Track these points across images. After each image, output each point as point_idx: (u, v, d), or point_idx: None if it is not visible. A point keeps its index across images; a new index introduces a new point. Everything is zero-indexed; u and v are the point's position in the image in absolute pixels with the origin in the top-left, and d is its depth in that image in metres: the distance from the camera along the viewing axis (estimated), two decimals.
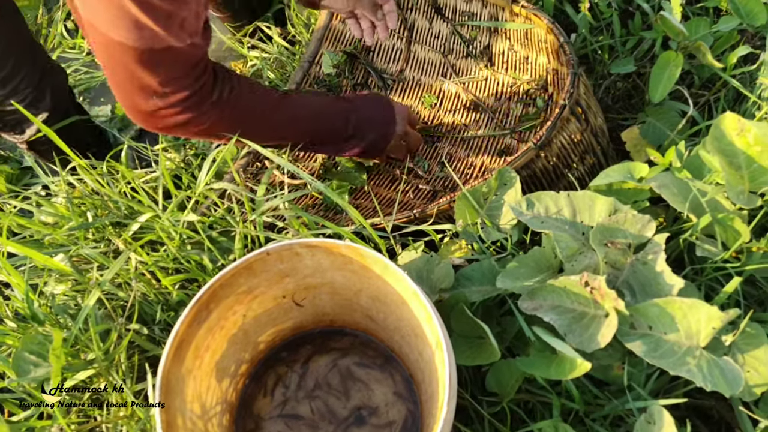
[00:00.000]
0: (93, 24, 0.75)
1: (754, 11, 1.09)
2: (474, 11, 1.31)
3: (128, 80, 0.80)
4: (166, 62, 0.79)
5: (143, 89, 0.81)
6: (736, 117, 0.81)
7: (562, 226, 0.86)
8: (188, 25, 0.78)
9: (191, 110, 0.86)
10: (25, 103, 1.20)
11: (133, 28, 0.73)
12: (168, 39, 0.76)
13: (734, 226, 0.82)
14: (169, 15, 0.75)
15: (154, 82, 0.80)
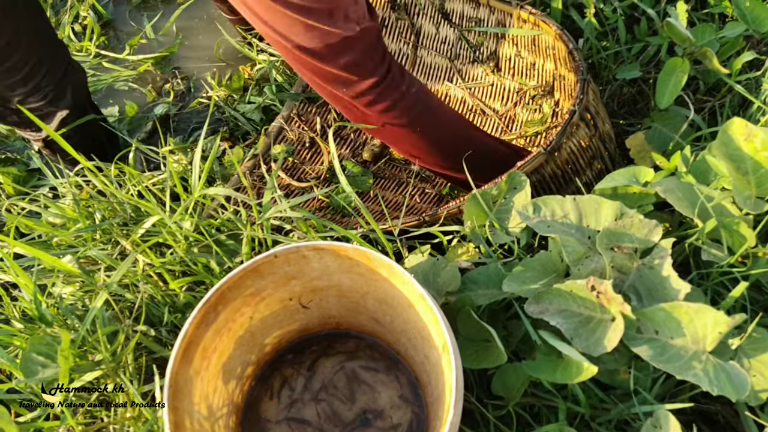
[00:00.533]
0: (271, 37, 0.81)
1: (761, 17, 1.10)
2: (481, 17, 1.32)
3: (319, 77, 0.85)
4: (343, 51, 0.82)
5: (333, 80, 0.85)
6: (744, 122, 0.81)
7: (568, 230, 0.86)
8: (352, 13, 0.81)
9: (384, 97, 0.88)
10: (47, 100, 1.21)
11: (306, 32, 0.79)
12: (338, 32, 0.80)
13: (740, 230, 0.82)
14: (330, 13, 0.79)
15: (340, 70, 0.83)
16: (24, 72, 1.13)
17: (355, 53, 0.83)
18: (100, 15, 1.75)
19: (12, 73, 1.12)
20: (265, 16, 0.79)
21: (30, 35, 1.12)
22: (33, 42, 1.13)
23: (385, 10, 1.42)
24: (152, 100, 1.58)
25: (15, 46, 1.09)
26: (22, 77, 1.13)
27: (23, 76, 1.13)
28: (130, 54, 1.65)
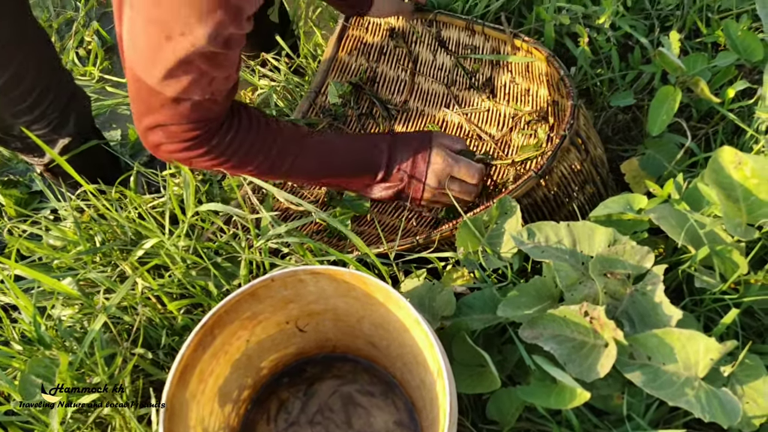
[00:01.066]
0: (130, 59, 0.80)
1: (752, 47, 1.12)
2: (476, 44, 1.34)
3: (146, 115, 0.86)
4: (184, 109, 0.84)
5: (156, 123, 0.86)
6: (734, 150, 0.83)
7: (562, 256, 0.87)
8: (216, 84, 0.83)
9: (191, 150, 0.90)
10: (50, 127, 1.22)
11: (166, 77, 0.79)
12: (192, 92, 0.82)
13: (732, 257, 0.84)
14: (202, 73, 0.80)
15: (169, 121, 0.85)
16: (30, 100, 1.15)
17: (191, 115, 0.85)
18: (104, 40, 1.78)
19: (18, 102, 1.13)
20: (145, 41, 0.78)
21: (37, 64, 1.14)
22: (40, 71, 1.15)
23: (384, 39, 1.45)
24: None
25: (23, 76, 1.11)
26: (28, 105, 1.15)
27: (29, 104, 1.15)
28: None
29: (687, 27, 1.33)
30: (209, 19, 0.75)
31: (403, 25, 1.43)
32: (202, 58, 0.78)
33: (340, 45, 1.46)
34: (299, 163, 1.01)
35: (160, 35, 0.75)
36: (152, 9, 0.74)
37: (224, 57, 0.81)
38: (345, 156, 1.06)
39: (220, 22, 0.76)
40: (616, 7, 1.21)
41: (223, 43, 0.78)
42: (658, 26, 1.35)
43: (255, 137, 0.96)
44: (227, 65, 0.83)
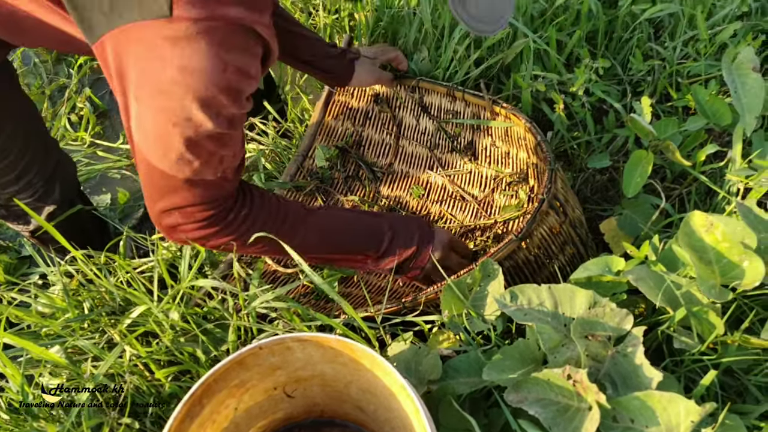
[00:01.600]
0: (141, 149, 0.83)
1: (720, 111, 1.17)
2: (458, 110, 1.40)
3: (160, 198, 0.88)
4: (197, 190, 0.87)
5: (171, 207, 0.88)
6: (704, 215, 0.86)
7: (544, 318, 0.89)
8: (225, 162, 0.87)
9: (207, 228, 0.92)
10: (36, 196, 1.24)
11: (177, 161, 0.82)
12: (204, 172, 0.85)
13: (709, 318, 0.86)
14: (211, 154, 0.83)
15: (183, 203, 0.88)
16: (16, 172, 1.16)
17: (205, 195, 0.88)
18: (96, 106, 1.82)
19: (5, 173, 1.15)
20: (156, 135, 0.81)
21: (25, 136, 1.16)
22: (27, 142, 1.17)
23: (369, 104, 1.50)
24: None
25: (10, 149, 1.12)
26: (14, 176, 1.17)
27: (15, 175, 1.17)
28: (123, 143, 1.71)
29: (658, 91, 1.39)
30: (212, 103, 0.78)
31: (387, 91, 1.48)
32: (209, 140, 0.81)
33: (327, 110, 1.51)
34: (307, 239, 1.03)
35: (167, 123, 0.78)
36: (157, 99, 0.77)
37: (229, 137, 0.84)
38: (348, 234, 1.08)
39: (222, 105, 0.79)
40: (589, 76, 1.27)
41: (227, 124, 0.82)
42: (630, 91, 1.42)
43: (267, 215, 0.98)
44: (233, 143, 0.86)
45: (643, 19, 1.39)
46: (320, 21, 1.78)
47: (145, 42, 0.73)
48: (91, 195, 1.63)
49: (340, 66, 1.36)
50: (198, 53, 0.74)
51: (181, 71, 0.75)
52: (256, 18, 0.78)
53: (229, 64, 0.77)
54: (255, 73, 0.83)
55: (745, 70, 1.10)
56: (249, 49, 0.80)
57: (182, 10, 0.71)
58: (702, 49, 1.35)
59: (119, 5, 0.71)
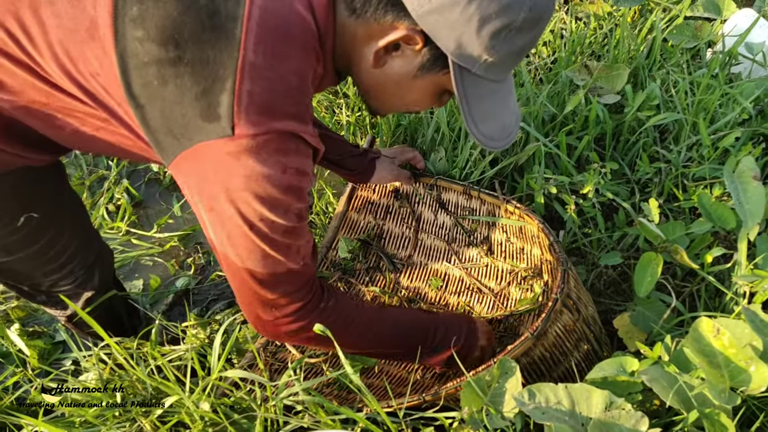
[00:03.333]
0: (226, 256, 0.91)
1: (724, 216, 1.23)
2: (474, 207, 1.48)
3: (254, 298, 0.95)
4: (285, 281, 0.94)
5: (265, 303, 0.95)
6: (711, 321, 0.91)
7: (562, 417, 0.93)
8: (302, 251, 0.94)
9: (302, 319, 0.98)
10: (76, 283, 1.30)
11: (261, 259, 0.89)
12: (288, 264, 0.92)
13: (721, 420, 0.89)
14: (288, 246, 0.91)
15: (275, 296, 0.95)
16: (61, 261, 1.23)
17: (292, 284, 0.95)
18: (132, 196, 1.93)
19: (51, 263, 1.22)
20: (234, 240, 0.88)
21: (71, 227, 1.23)
22: (72, 233, 1.24)
23: (389, 199, 1.59)
24: (174, 273, 1.70)
25: (58, 240, 1.20)
26: (59, 264, 1.24)
27: (60, 263, 1.24)
28: (157, 231, 1.81)
29: (665, 192, 1.47)
30: (279, 203, 0.86)
31: (406, 188, 1.57)
32: (284, 235, 0.89)
33: (350, 204, 1.60)
34: (380, 332, 1.12)
35: (243, 226, 0.86)
36: (230, 207, 0.85)
37: (301, 228, 0.92)
38: (412, 330, 1.17)
39: (288, 204, 0.88)
40: (598, 179, 1.35)
41: (296, 218, 0.90)
42: (638, 190, 1.49)
43: (352, 306, 1.07)
44: (304, 233, 0.94)
45: (649, 125, 1.48)
46: (344, 119, 1.90)
47: (212, 159, 0.82)
48: (124, 281, 1.71)
49: (362, 165, 1.46)
50: (259, 162, 0.82)
51: (246, 179, 0.82)
52: (304, 128, 0.86)
53: (288, 167, 0.85)
54: (310, 171, 0.91)
55: (747, 179, 1.17)
56: (301, 151, 0.88)
57: (242, 129, 0.80)
58: (706, 153, 1.43)
59: (189, 130, 0.80)
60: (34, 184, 1.09)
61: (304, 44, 0.85)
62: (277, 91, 0.81)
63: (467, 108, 0.92)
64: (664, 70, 1.69)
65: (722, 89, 1.54)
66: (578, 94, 1.51)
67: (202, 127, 0.79)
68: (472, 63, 0.86)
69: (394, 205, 1.59)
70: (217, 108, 0.78)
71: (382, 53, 0.90)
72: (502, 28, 0.82)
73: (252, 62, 0.78)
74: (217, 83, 0.78)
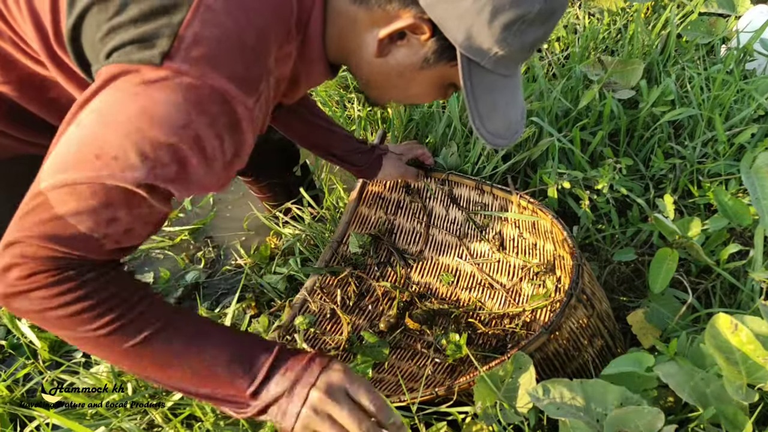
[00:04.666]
0: (45, 179, 0.71)
1: (740, 212, 1.22)
2: (486, 202, 1.47)
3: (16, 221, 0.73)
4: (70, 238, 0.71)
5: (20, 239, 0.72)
6: (729, 317, 0.90)
7: (577, 413, 0.92)
8: (113, 228, 0.73)
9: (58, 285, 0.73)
10: None
11: (78, 212, 0.70)
12: (94, 229, 0.71)
13: (737, 417, 0.88)
14: (112, 220, 0.72)
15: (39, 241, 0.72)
16: None
17: (68, 245, 0.71)
18: None
19: None
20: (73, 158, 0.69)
21: None
22: None
23: (401, 194, 1.58)
24: (184, 267, 1.70)
25: None
26: None
27: None
28: (167, 225, 1.81)
29: (680, 188, 1.45)
30: (150, 156, 0.69)
31: (418, 183, 1.56)
32: (120, 195, 0.70)
33: (361, 199, 1.59)
34: (163, 335, 0.77)
35: (91, 152, 0.69)
36: (99, 128, 0.69)
37: (146, 205, 0.72)
38: (217, 347, 0.80)
39: (161, 164, 0.70)
40: (613, 175, 1.34)
41: (156, 196, 0.72)
42: (653, 186, 1.48)
43: (127, 287, 0.77)
44: (150, 219, 0.74)
45: (664, 120, 1.47)
46: (355, 113, 1.89)
47: (123, 82, 0.70)
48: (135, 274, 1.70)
49: (369, 161, 1.45)
50: (167, 102, 0.69)
51: (140, 111, 0.68)
52: (241, 97, 0.73)
53: (190, 126, 0.70)
54: (210, 153, 0.73)
55: (764, 174, 1.16)
56: (220, 123, 0.72)
57: (173, 62, 0.69)
58: (721, 149, 1.41)
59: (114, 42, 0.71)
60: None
61: (275, 8, 0.76)
62: (227, 41, 0.71)
63: (474, 103, 0.87)
64: (678, 65, 1.68)
65: (738, 85, 1.52)
66: (592, 89, 1.50)
67: (129, 51, 0.70)
68: (481, 56, 0.82)
69: (406, 200, 1.59)
70: (155, 38, 0.69)
71: (387, 42, 0.85)
72: (515, 20, 0.78)
73: (209, 4, 0.70)
74: (164, 15, 0.69)
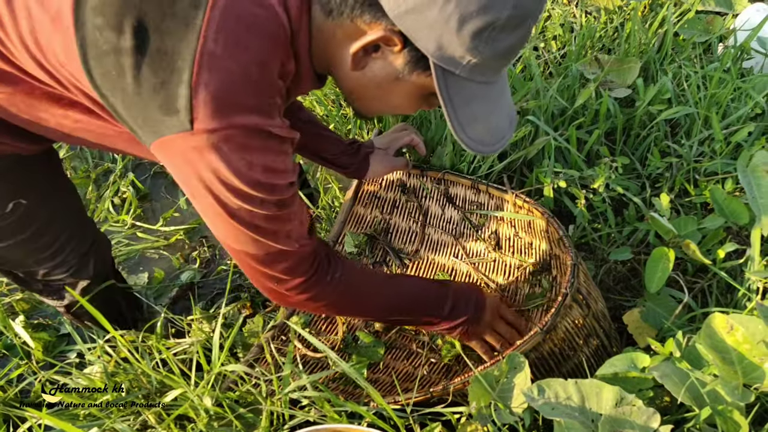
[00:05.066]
0: (220, 239, 0.92)
1: (737, 211, 1.21)
2: (481, 201, 1.46)
3: (258, 274, 0.96)
4: (282, 260, 0.94)
5: (267, 278, 0.96)
6: (725, 317, 0.89)
7: (572, 413, 0.91)
8: (294, 234, 0.93)
9: (308, 291, 0.99)
10: (70, 272, 1.29)
11: (251, 243, 0.89)
12: (278, 246, 0.91)
13: (734, 418, 0.88)
14: (275, 232, 0.90)
15: (275, 273, 0.95)
16: (53, 249, 1.22)
17: (290, 262, 0.94)
18: (138, 189, 1.92)
19: (42, 251, 1.21)
20: (220, 226, 0.88)
21: (63, 216, 1.22)
22: (65, 222, 1.22)
23: (396, 193, 1.57)
24: (179, 267, 1.69)
25: (48, 228, 1.18)
26: (50, 253, 1.23)
27: (52, 252, 1.22)
28: (162, 225, 1.80)
29: (676, 187, 1.45)
30: (250, 197, 0.84)
31: (414, 182, 1.56)
32: (266, 221, 0.87)
33: (357, 198, 1.59)
34: (390, 300, 1.14)
35: (224, 216, 0.85)
36: (207, 198, 0.84)
37: (286, 215, 0.90)
38: (421, 298, 1.17)
39: (261, 198, 0.85)
40: (609, 174, 1.34)
41: (275, 208, 0.88)
42: (649, 185, 1.47)
43: (360, 274, 1.08)
44: (292, 217, 0.92)
45: (660, 119, 1.46)
46: (350, 111, 1.88)
47: (179, 153, 0.80)
48: (129, 274, 1.70)
49: (356, 161, 1.45)
50: (222, 159, 0.79)
51: (214, 173, 0.81)
52: (268, 121, 0.82)
53: (254, 164, 0.82)
54: (283, 168, 0.86)
55: (760, 173, 1.15)
56: (270, 147, 0.84)
57: (201, 123, 0.77)
58: (718, 148, 1.41)
59: (151, 122, 0.78)
60: (24, 171, 1.09)
61: (271, 36, 0.81)
62: (236, 83, 0.77)
63: (452, 112, 0.87)
64: (675, 64, 1.67)
65: (735, 83, 1.52)
66: (589, 87, 1.49)
67: (162, 120, 0.77)
68: (454, 65, 0.82)
69: (401, 199, 1.58)
70: (175, 101, 0.75)
71: (361, 55, 0.86)
72: (485, 27, 0.77)
73: (211, 51, 0.75)
74: (175, 74, 0.75)
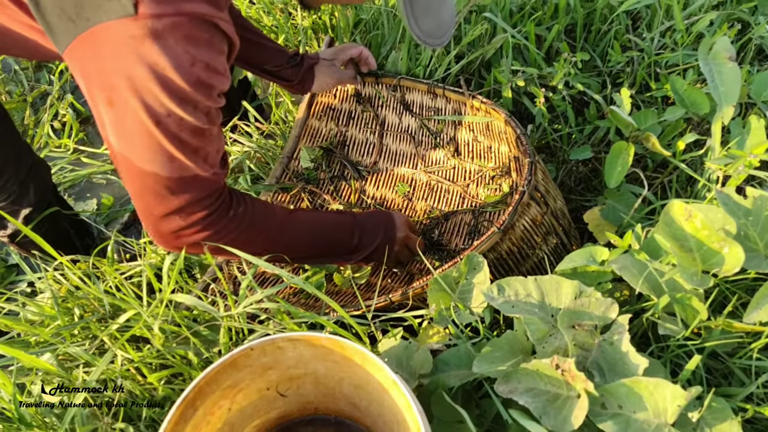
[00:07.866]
0: (127, 157, 0.83)
1: (698, 101, 1.19)
2: (439, 106, 1.41)
3: (156, 205, 0.88)
4: (192, 187, 0.88)
5: (168, 211, 0.89)
6: (683, 204, 0.88)
7: (531, 310, 0.91)
8: (210, 159, 0.88)
9: (208, 228, 0.93)
10: (10, 199, 1.23)
11: (167, 161, 0.83)
12: (195, 169, 0.86)
13: (692, 304, 0.88)
14: (196, 150, 0.85)
15: (180, 203, 0.89)
16: None
17: (198, 191, 0.89)
18: (78, 112, 1.81)
19: None
20: (136, 141, 0.81)
21: None
22: None
23: (351, 104, 1.51)
24: None
25: None
26: None
27: None
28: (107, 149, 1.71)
29: (637, 82, 1.41)
30: (187, 98, 0.80)
31: (369, 91, 1.49)
32: (192, 135, 0.83)
33: (310, 111, 1.52)
34: (295, 237, 1.08)
35: (150, 122, 0.79)
36: (134, 99, 0.77)
37: (210, 132, 0.86)
38: (327, 231, 1.13)
39: (197, 100, 0.81)
40: (568, 69, 1.29)
41: (206, 118, 0.83)
42: (610, 82, 1.43)
43: (262, 211, 1.02)
44: (214, 138, 0.88)
45: (621, 11, 1.40)
46: (300, 21, 1.78)
47: (113, 43, 0.74)
48: (76, 201, 1.63)
49: (299, 74, 1.37)
50: (165, 49, 0.74)
51: (152, 69, 0.75)
52: (218, 13, 0.79)
53: (197, 59, 0.78)
54: (223, 70, 0.84)
55: (722, 60, 1.12)
56: (214, 45, 0.81)
57: (146, 7, 0.72)
58: (679, 39, 1.37)
59: (86, 8, 0.71)
60: None
61: None
62: None
63: (409, 4, 0.88)
64: None
65: None
66: None
67: (99, 4, 0.71)
68: None
69: (357, 109, 1.52)
70: None
71: None
72: None
73: None
74: None
